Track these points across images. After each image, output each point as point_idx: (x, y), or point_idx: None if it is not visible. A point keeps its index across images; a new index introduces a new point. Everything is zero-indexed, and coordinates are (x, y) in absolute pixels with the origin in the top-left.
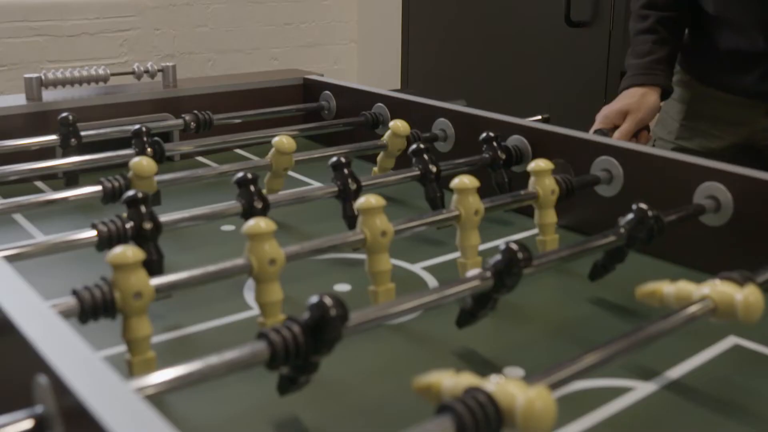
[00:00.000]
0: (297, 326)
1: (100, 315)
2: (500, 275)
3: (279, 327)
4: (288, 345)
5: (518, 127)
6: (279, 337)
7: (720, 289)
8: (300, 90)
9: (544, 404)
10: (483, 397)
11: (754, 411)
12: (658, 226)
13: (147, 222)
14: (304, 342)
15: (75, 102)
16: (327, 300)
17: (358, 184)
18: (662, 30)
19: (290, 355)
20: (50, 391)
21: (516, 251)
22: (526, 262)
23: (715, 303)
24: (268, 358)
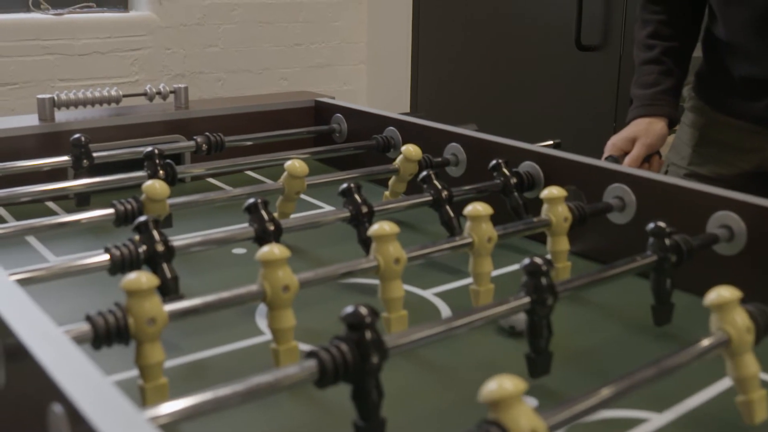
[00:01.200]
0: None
1: (114, 341)
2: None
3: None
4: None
5: (530, 153)
6: (328, 356)
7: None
8: (311, 112)
9: None
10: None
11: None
12: (688, 248)
13: (160, 246)
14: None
15: (87, 123)
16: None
17: (370, 208)
18: (668, 60)
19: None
20: (65, 420)
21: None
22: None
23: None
24: (317, 377)
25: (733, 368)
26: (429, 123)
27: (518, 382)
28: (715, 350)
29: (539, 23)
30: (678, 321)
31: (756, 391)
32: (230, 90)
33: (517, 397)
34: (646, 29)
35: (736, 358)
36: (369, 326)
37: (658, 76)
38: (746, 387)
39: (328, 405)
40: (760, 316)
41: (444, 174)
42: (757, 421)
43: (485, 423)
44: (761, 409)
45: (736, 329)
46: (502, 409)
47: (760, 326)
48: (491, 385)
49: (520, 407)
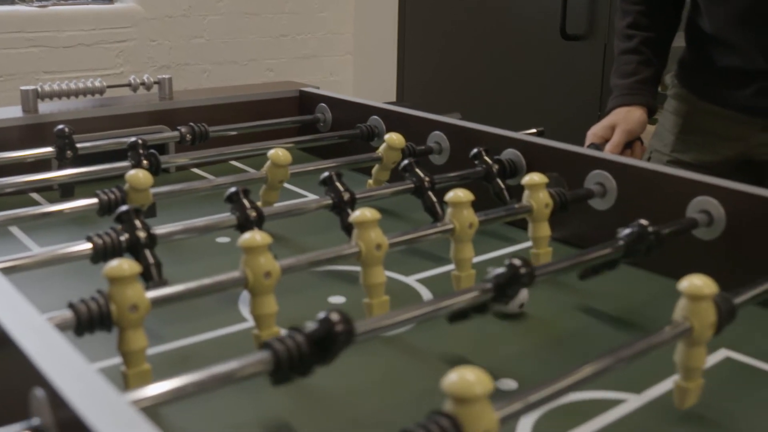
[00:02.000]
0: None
1: (96, 328)
2: (501, 288)
3: (282, 338)
4: (292, 355)
5: (512, 140)
6: (283, 347)
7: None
8: (296, 102)
9: None
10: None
11: (745, 423)
12: (657, 240)
13: (142, 233)
14: (308, 353)
15: (71, 114)
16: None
17: (352, 194)
18: (647, 50)
19: (294, 366)
20: (47, 404)
21: (519, 267)
22: (529, 278)
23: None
24: (272, 368)
25: (684, 356)
26: (412, 112)
27: (484, 379)
28: (676, 339)
29: (524, 13)
30: (656, 305)
31: (696, 381)
32: (216, 81)
33: (481, 396)
34: (626, 19)
35: (691, 348)
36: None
37: (637, 65)
38: (690, 376)
39: (311, 390)
40: (724, 308)
41: (428, 162)
42: (686, 407)
43: (438, 415)
44: (694, 397)
45: (701, 323)
46: (462, 405)
47: (722, 320)
48: (453, 377)
49: (480, 405)
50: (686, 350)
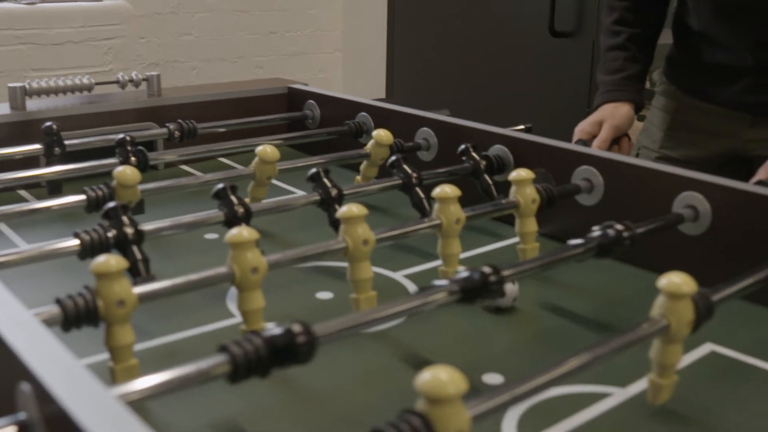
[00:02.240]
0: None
1: (83, 323)
2: (468, 294)
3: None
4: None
5: (500, 136)
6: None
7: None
8: (284, 99)
9: None
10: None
11: (730, 416)
12: (631, 238)
13: (129, 229)
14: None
15: (59, 111)
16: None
17: (339, 191)
18: (633, 47)
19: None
20: (33, 398)
21: (489, 274)
22: (497, 285)
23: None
24: (229, 371)
25: (660, 354)
26: (400, 108)
27: (458, 379)
28: (652, 336)
29: (514, 10)
30: (643, 300)
31: (670, 378)
32: (205, 79)
33: (454, 397)
34: (612, 16)
35: (667, 345)
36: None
37: (623, 62)
38: (664, 373)
39: (299, 385)
40: (702, 307)
41: (416, 158)
42: (658, 403)
43: (409, 414)
44: (667, 393)
45: (678, 321)
46: (435, 405)
47: (700, 318)
48: (426, 376)
49: (453, 406)
50: (662, 347)
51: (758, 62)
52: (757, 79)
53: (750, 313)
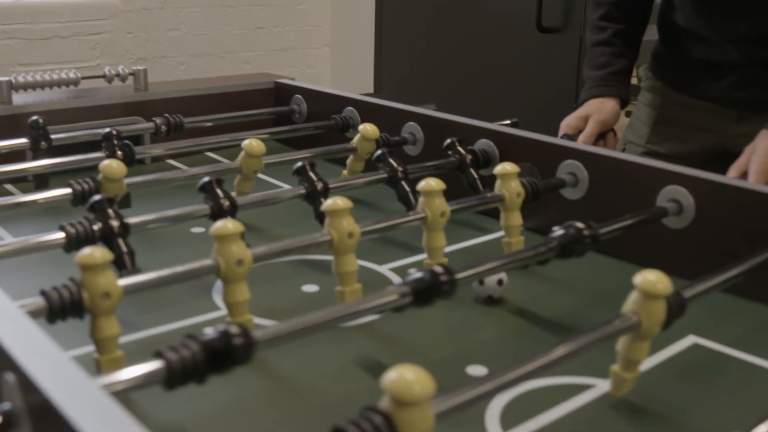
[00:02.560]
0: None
1: (68, 315)
2: (420, 294)
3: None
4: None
5: (486, 131)
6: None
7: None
8: (271, 94)
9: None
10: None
11: (711, 406)
12: (592, 237)
13: (114, 222)
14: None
15: (45, 105)
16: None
17: (325, 184)
18: (619, 42)
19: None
20: (17, 388)
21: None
22: (449, 285)
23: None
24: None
25: (627, 349)
26: (387, 103)
27: (425, 381)
28: (623, 332)
29: (501, 6)
30: (626, 293)
31: (633, 372)
32: (193, 74)
33: (422, 400)
34: (598, 11)
35: (636, 342)
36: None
37: (609, 57)
38: (629, 367)
39: (282, 376)
40: (675, 306)
41: (402, 153)
42: (620, 395)
43: (372, 412)
44: (629, 386)
45: (649, 320)
46: (400, 407)
47: (671, 317)
48: (392, 375)
49: (420, 409)
50: (630, 343)
51: (744, 58)
52: (743, 74)
53: (732, 305)
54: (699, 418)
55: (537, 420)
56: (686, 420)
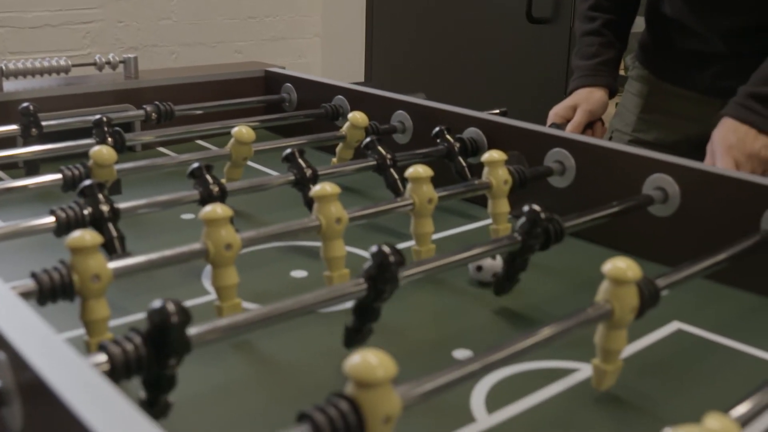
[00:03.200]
0: (138, 338)
1: (59, 297)
2: (374, 281)
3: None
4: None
5: (474, 119)
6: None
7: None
8: (262, 82)
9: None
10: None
11: (694, 390)
12: (555, 229)
13: (104, 206)
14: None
15: (36, 92)
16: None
17: (314, 171)
18: (608, 33)
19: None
20: (8, 366)
21: (389, 254)
22: (397, 266)
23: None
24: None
25: (604, 339)
26: (376, 91)
27: (387, 363)
28: (596, 321)
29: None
30: None
31: (613, 364)
32: (184, 63)
33: (383, 381)
34: (588, 1)
35: (611, 330)
36: (173, 326)
37: (598, 47)
38: (608, 358)
39: (269, 359)
40: (647, 293)
41: (391, 141)
42: (603, 388)
43: (337, 397)
44: (611, 379)
45: (622, 307)
46: (363, 389)
47: (644, 304)
48: (355, 359)
49: (382, 390)
50: (606, 333)
51: (729, 49)
52: (727, 65)
53: (715, 292)
54: (682, 403)
55: (522, 403)
56: (669, 404)
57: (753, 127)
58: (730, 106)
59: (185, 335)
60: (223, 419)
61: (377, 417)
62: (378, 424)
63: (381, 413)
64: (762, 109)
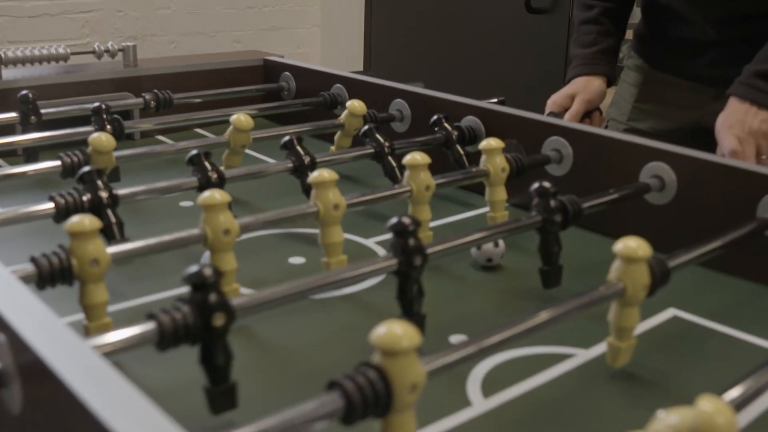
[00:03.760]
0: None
1: (58, 281)
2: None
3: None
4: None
5: (472, 108)
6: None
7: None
8: (260, 71)
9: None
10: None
11: (688, 376)
12: (574, 209)
13: (103, 192)
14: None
15: (35, 80)
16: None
17: (312, 158)
18: (606, 21)
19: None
20: (7, 348)
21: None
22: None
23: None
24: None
25: (617, 316)
26: (375, 80)
27: (411, 333)
28: (609, 299)
29: None
30: (608, 267)
31: (627, 341)
32: (183, 53)
33: (408, 350)
34: None
35: (624, 308)
36: (212, 286)
37: (596, 36)
38: (622, 335)
39: (269, 343)
40: (658, 271)
41: (389, 129)
42: (618, 365)
43: (366, 366)
44: (625, 356)
45: (633, 284)
46: (389, 357)
47: (655, 282)
48: (381, 330)
49: (407, 359)
50: (619, 310)
51: (722, 36)
52: (721, 52)
53: (711, 279)
54: (677, 388)
55: (517, 387)
56: (664, 389)
57: (754, 104)
58: (735, 86)
59: (224, 295)
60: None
61: (404, 385)
62: (404, 391)
63: (407, 381)
64: (765, 85)
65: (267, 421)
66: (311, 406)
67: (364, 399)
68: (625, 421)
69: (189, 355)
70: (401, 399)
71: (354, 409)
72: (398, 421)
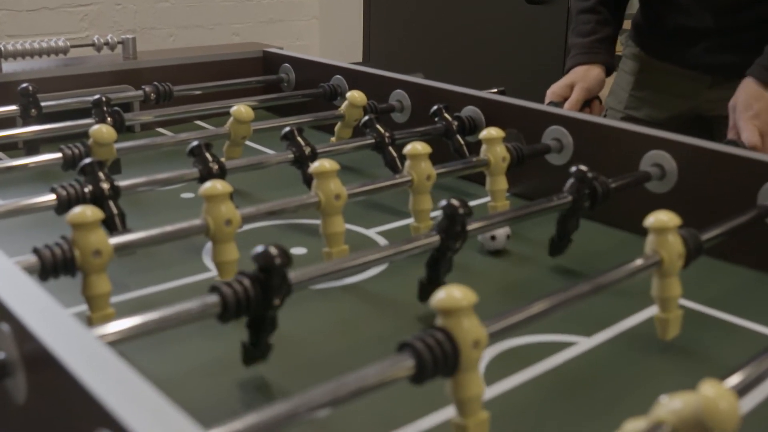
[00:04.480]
0: (247, 279)
1: (60, 273)
2: (445, 233)
3: (230, 281)
4: (239, 297)
5: (472, 98)
6: (230, 290)
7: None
8: (260, 63)
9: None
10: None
11: (691, 364)
12: (603, 189)
13: (105, 184)
14: (254, 293)
15: (35, 73)
16: (272, 250)
17: (313, 149)
18: (604, 10)
19: (242, 307)
20: (12, 337)
21: (458, 207)
22: (466, 217)
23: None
24: (220, 311)
25: (659, 288)
26: (375, 71)
27: (468, 294)
28: (647, 269)
29: None
30: (611, 256)
31: (674, 311)
32: (182, 46)
33: (467, 308)
34: None
35: (664, 279)
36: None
37: (594, 25)
38: (667, 306)
39: (275, 334)
40: (692, 242)
41: (390, 120)
42: (669, 337)
43: (432, 328)
44: (675, 327)
45: (669, 253)
46: (451, 317)
47: (690, 252)
48: (441, 294)
49: (467, 317)
50: (659, 282)
51: (718, 24)
52: (717, 40)
53: (713, 267)
54: (678, 376)
55: (521, 375)
56: (665, 377)
57: None
58: (755, 67)
59: (287, 277)
60: (224, 390)
61: (468, 341)
62: (469, 348)
63: (470, 338)
64: None
65: (341, 380)
66: (383, 366)
67: (434, 357)
68: (627, 407)
69: (192, 345)
70: (467, 356)
71: (425, 368)
72: (466, 379)
